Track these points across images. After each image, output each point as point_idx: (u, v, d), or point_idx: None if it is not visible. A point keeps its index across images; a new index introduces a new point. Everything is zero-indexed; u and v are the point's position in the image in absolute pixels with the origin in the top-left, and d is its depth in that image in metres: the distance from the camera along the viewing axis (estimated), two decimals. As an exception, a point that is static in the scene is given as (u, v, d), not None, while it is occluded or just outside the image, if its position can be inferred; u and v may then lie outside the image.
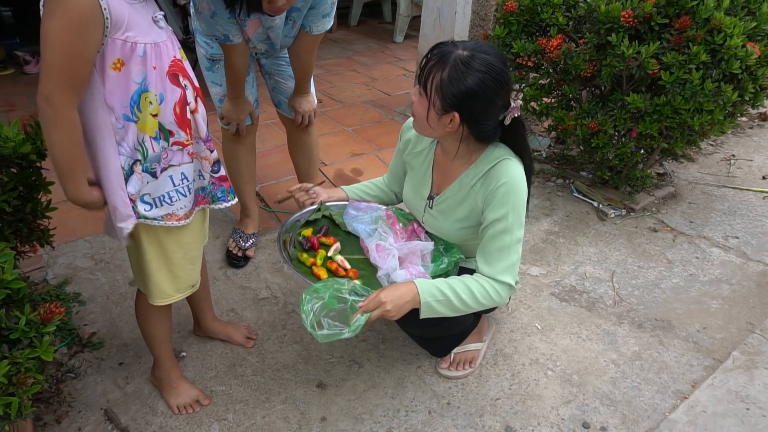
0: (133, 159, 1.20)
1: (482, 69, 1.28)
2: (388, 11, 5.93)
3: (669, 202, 2.79)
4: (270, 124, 3.32)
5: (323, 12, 1.79)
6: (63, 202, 1.35)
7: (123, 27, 1.09)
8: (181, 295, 1.46)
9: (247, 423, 1.58)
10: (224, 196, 1.44)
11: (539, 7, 2.42)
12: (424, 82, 1.34)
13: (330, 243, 1.60)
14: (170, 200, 1.28)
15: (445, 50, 1.32)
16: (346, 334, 1.30)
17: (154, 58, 1.15)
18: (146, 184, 1.24)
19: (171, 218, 1.30)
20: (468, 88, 1.29)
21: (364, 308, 1.33)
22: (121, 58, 1.11)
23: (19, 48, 4.11)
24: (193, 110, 1.27)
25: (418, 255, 1.54)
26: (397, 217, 1.68)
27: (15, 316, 1.10)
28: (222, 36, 1.74)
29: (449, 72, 1.29)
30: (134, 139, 1.19)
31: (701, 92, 2.11)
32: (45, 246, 1.46)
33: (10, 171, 1.25)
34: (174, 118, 1.22)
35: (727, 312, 2.07)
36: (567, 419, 1.63)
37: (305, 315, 1.31)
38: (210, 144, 1.36)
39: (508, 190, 1.40)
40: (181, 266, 1.41)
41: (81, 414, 1.58)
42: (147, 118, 1.18)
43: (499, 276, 1.42)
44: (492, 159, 1.45)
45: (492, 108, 1.35)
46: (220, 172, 1.42)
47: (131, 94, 1.15)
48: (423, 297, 1.36)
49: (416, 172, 1.65)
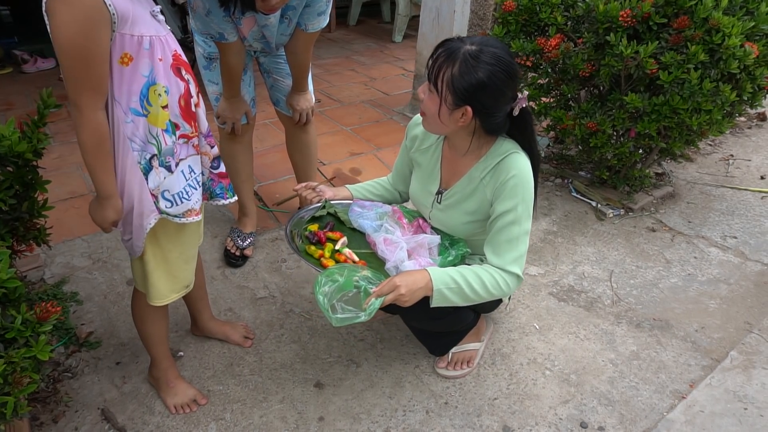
0: (150, 153, 1.21)
1: (492, 62, 1.31)
2: (387, 11, 5.93)
3: (667, 201, 2.79)
4: (269, 123, 3.32)
5: (318, 10, 1.79)
6: (59, 201, 1.35)
7: (129, 21, 1.10)
8: (177, 295, 1.46)
9: (244, 423, 1.58)
10: (223, 192, 1.44)
11: (538, 6, 2.42)
12: (434, 79, 1.35)
13: (337, 237, 1.61)
14: (188, 196, 1.29)
15: (453, 46, 1.33)
16: (362, 317, 1.31)
17: (159, 51, 1.16)
18: (164, 180, 1.24)
19: (191, 214, 1.31)
20: (479, 81, 1.31)
21: (378, 292, 1.34)
22: (129, 52, 1.12)
23: (18, 47, 4.11)
24: (196, 104, 1.28)
25: (425, 248, 1.56)
26: (403, 212, 1.70)
27: (11, 315, 1.09)
28: (217, 34, 1.74)
29: (459, 67, 1.31)
30: (145, 133, 1.19)
31: (699, 92, 2.11)
32: (41, 245, 1.46)
33: (6, 169, 1.25)
34: (179, 111, 1.22)
35: (725, 312, 2.07)
36: (565, 419, 1.63)
37: (321, 296, 1.33)
38: (210, 140, 1.36)
39: (517, 183, 1.43)
40: (176, 265, 1.41)
41: (78, 413, 1.57)
42: (158, 111, 1.19)
43: (508, 267, 1.44)
44: (501, 153, 1.47)
45: (502, 99, 1.37)
46: (219, 169, 1.42)
47: (140, 87, 1.15)
48: (435, 284, 1.38)
49: (424, 169, 1.66)
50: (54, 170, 2.66)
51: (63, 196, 2.47)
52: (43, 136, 1.30)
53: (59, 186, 2.53)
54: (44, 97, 1.30)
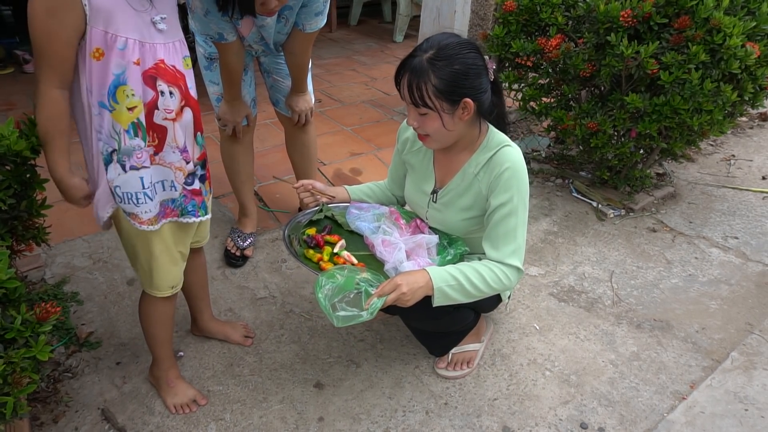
0: (111, 147, 1.23)
1: (453, 51, 1.35)
2: (387, 11, 5.92)
3: (668, 202, 2.78)
4: (269, 123, 3.32)
5: (316, 10, 1.79)
6: (59, 201, 1.35)
7: (104, 17, 1.13)
8: (160, 293, 1.46)
9: (244, 423, 1.58)
10: (194, 210, 1.41)
11: (538, 6, 2.42)
12: (421, 101, 1.37)
13: (335, 241, 1.61)
14: (137, 201, 1.28)
15: (414, 63, 1.36)
16: (365, 316, 1.31)
17: (135, 55, 1.18)
18: (118, 176, 1.26)
19: (135, 219, 1.31)
20: (459, 72, 1.34)
21: (379, 292, 1.34)
22: (101, 47, 1.15)
23: (19, 47, 4.11)
24: (173, 118, 1.27)
25: (424, 248, 1.57)
26: (400, 213, 1.70)
27: (11, 316, 1.10)
28: (216, 35, 1.74)
29: (434, 74, 1.34)
30: (109, 127, 1.21)
31: (700, 92, 2.11)
32: (41, 245, 1.46)
33: (5, 169, 1.25)
34: (144, 119, 1.24)
35: (726, 312, 2.07)
36: (565, 420, 1.63)
37: (322, 297, 1.33)
38: (186, 155, 1.34)
39: (511, 175, 1.44)
40: (161, 262, 1.42)
41: (78, 413, 1.57)
42: (123, 111, 1.20)
43: (507, 259, 1.45)
44: (493, 146, 1.49)
45: (483, 72, 1.40)
46: (193, 185, 1.38)
47: (108, 84, 1.18)
48: (436, 283, 1.38)
49: (417, 170, 1.67)
50: (55, 170, 2.66)
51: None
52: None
53: (60, 186, 2.52)
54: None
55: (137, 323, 1.87)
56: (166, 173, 1.32)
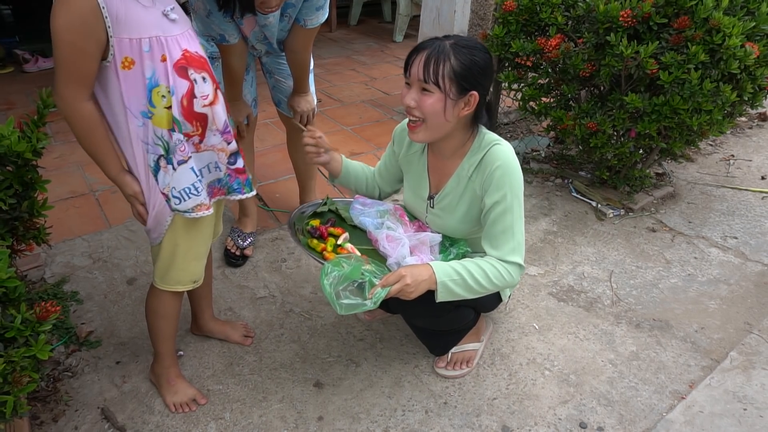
0: (157, 155, 1.25)
1: (478, 47, 1.39)
2: (387, 11, 5.92)
3: (668, 202, 2.79)
4: (269, 123, 3.32)
5: (317, 4, 1.79)
6: (60, 201, 1.35)
7: (123, 25, 1.13)
8: (182, 288, 1.48)
9: (244, 422, 1.58)
10: (240, 188, 1.45)
11: (538, 6, 2.42)
12: (433, 76, 1.36)
13: (338, 233, 1.62)
14: (197, 191, 1.31)
15: (437, 44, 1.37)
16: (368, 305, 1.31)
17: (160, 51, 1.19)
18: (172, 177, 1.27)
19: (201, 208, 1.32)
20: (480, 65, 1.38)
21: (384, 282, 1.34)
22: (130, 56, 1.17)
23: (19, 46, 4.11)
24: (210, 102, 1.29)
25: (427, 245, 1.58)
26: (405, 210, 1.71)
27: (11, 315, 1.10)
28: (218, 36, 1.74)
29: (456, 58, 1.35)
30: (152, 135, 1.23)
31: (700, 92, 2.11)
32: (41, 244, 1.46)
33: (6, 169, 1.25)
34: (182, 110, 1.24)
35: (725, 312, 2.07)
36: (564, 419, 1.63)
37: (327, 283, 1.33)
38: (228, 136, 1.37)
39: (503, 173, 1.45)
40: (185, 259, 1.43)
41: (78, 413, 1.58)
42: (162, 113, 1.22)
43: (508, 257, 1.46)
44: (483, 147, 1.50)
45: (492, 78, 1.45)
46: (237, 164, 1.42)
47: (144, 90, 1.19)
48: (439, 277, 1.38)
49: (413, 176, 1.68)
50: (54, 170, 2.66)
51: (63, 195, 2.47)
52: (42, 135, 1.31)
53: (60, 185, 2.53)
54: (44, 96, 1.31)
55: (137, 322, 1.88)
56: (211, 156, 1.35)
